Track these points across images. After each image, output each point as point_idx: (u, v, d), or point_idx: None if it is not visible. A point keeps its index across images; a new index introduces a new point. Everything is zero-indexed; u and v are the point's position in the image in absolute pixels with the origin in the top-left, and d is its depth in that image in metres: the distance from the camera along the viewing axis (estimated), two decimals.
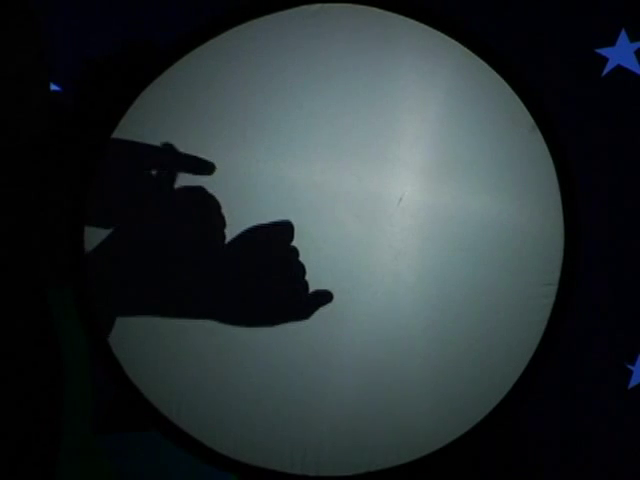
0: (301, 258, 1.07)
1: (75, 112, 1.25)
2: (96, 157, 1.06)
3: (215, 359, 1.08)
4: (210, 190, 1.07)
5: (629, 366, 1.62)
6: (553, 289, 1.10)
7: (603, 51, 1.62)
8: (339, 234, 1.08)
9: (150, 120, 1.06)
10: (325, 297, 1.08)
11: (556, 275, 1.10)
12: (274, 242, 1.07)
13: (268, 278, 1.08)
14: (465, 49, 1.08)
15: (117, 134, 1.06)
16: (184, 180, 1.07)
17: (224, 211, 1.07)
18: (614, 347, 1.65)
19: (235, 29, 1.07)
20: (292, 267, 1.07)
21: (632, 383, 1.64)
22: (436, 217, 1.08)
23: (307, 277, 1.07)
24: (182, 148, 1.07)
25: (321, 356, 1.08)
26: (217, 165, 1.07)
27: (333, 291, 1.08)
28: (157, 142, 1.07)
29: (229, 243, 1.07)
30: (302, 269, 1.08)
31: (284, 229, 1.07)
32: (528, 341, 1.10)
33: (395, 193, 1.08)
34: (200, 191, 1.06)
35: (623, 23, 1.63)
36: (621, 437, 1.67)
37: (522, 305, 1.10)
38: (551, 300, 1.10)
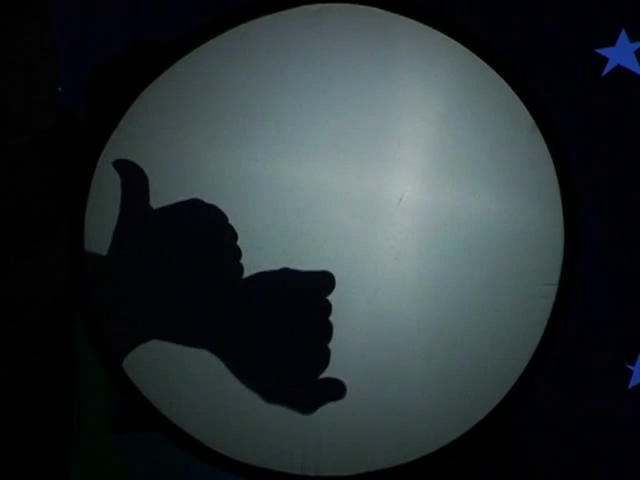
0: (300, 258, 1.07)
1: (74, 112, 1.25)
2: (96, 158, 1.06)
3: (215, 359, 1.07)
4: (210, 190, 1.07)
5: (629, 366, 1.62)
6: (553, 289, 1.10)
7: (603, 51, 1.62)
8: (339, 234, 1.08)
9: (150, 120, 1.06)
10: (336, 391, 1.04)
11: (556, 275, 1.10)
12: (308, 292, 1.04)
13: (290, 328, 1.05)
14: (465, 49, 1.08)
15: (117, 134, 1.06)
16: (181, 185, 1.06)
17: (223, 212, 1.07)
18: (614, 347, 1.65)
19: (235, 29, 1.07)
20: (319, 327, 1.04)
21: (632, 383, 1.64)
22: (436, 217, 1.08)
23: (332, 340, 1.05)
24: (182, 148, 1.07)
25: None
26: (217, 165, 1.07)
27: (333, 291, 1.07)
28: (157, 142, 1.07)
29: (259, 276, 1.05)
30: (329, 330, 1.04)
31: (323, 280, 1.04)
32: (528, 341, 1.10)
33: (395, 193, 1.08)
34: (201, 204, 1.06)
35: (623, 23, 1.63)
36: (621, 437, 1.67)
37: (522, 305, 1.09)
38: (551, 300, 1.10)
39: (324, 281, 1.04)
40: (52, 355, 1.14)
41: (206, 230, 1.05)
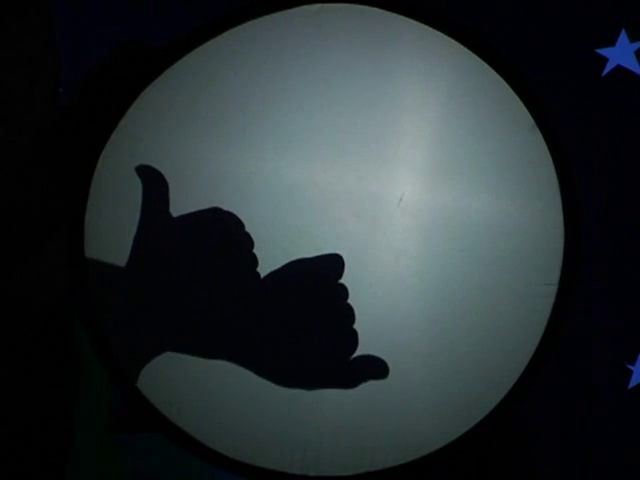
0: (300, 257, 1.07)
1: (74, 112, 1.25)
2: (96, 158, 1.06)
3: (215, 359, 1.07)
4: (210, 190, 1.07)
5: (629, 366, 1.62)
6: (553, 289, 1.10)
7: (603, 51, 1.62)
8: (339, 234, 1.08)
9: (150, 120, 1.06)
10: (377, 368, 1.04)
11: (556, 275, 1.10)
12: (321, 277, 1.05)
13: (310, 321, 1.05)
14: (465, 49, 1.08)
15: (117, 134, 1.06)
16: (181, 185, 1.06)
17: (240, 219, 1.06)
18: (614, 347, 1.65)
19: (235, 29, 1.07)
20: (341, 312, 1.04)
21: (632, 383, 1.64)
22: (436, 217, 1.08)
23: (356, 325, 1.05)
24: (182, 148, 1.07)
25: None
26: (217, 165, 1.07)
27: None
28: (157, 142, 1.07)
29: (270, 275, 1.05)
30: (351, 312, 1.04)
31: (333, 263, 1.05)
32: (528, 341, 1.10)
33: (395, 193, 1.08)
34: (219, 212, 1.05)
35: (623, 23, 1.63)
36: (621, 437, 1.67)
37: (522, 305, 1.10)
38: (551, 300, 1.10)
39: (333, 264, 1.04)
40: (52, 355, 1.14)
41: (223, 238, 1.05)
